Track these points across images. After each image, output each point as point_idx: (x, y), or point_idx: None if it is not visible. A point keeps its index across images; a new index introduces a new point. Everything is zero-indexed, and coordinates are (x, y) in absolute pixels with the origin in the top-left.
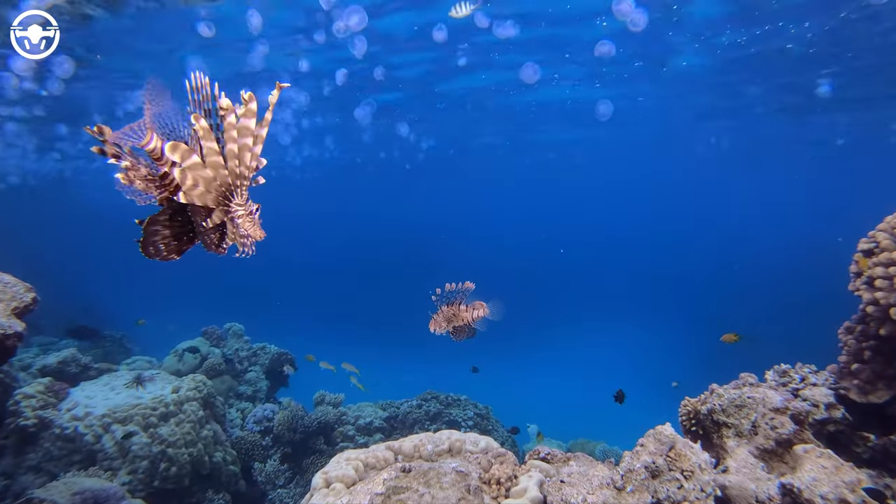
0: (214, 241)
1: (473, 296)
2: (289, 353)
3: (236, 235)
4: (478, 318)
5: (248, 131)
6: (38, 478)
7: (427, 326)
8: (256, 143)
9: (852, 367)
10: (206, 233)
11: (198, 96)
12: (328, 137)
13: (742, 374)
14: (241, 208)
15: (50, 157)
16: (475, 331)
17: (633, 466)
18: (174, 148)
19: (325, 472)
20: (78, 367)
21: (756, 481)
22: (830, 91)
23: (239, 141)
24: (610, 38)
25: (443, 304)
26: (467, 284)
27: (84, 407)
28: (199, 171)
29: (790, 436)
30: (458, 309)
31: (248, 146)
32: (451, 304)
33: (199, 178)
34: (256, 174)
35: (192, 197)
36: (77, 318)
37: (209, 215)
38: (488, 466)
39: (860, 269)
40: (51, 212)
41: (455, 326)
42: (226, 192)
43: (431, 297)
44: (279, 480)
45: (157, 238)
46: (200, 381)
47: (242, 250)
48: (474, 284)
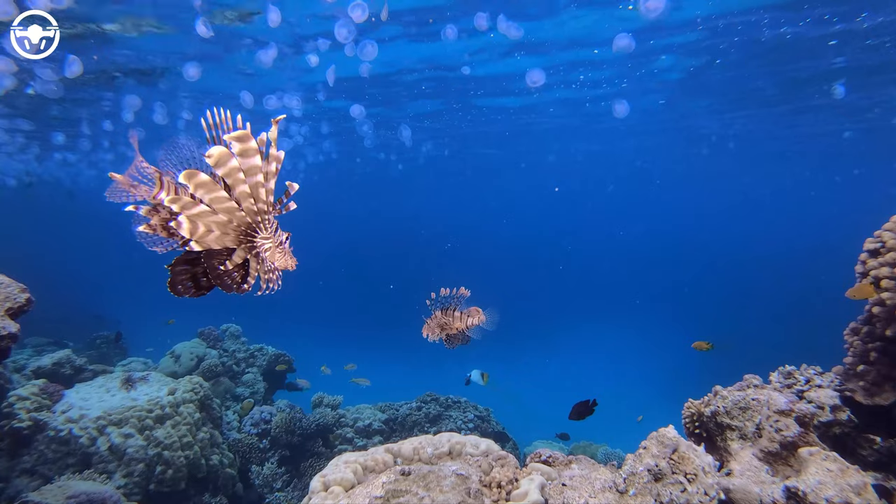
0: (237, 279)
1: (468, 302)
2: (286, 355)
3: (261, 271)
4: (472, 326)
5: (256, 169)
6: (32, 481)
7: (420, 331)
8: (268, 178)
9: (858, 369)
10: (227, 274)
11: (216, 133)
12: (327, 141)
13: (746, 376)
14: (268, 241)
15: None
16: (469, 338)
17: (636, 469)
18: (175, 201)
19: (324, 476)
20: (72, 369)
21: (760, 484)
22: (844, 92)
23: (249, 181)
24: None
25: (437, 308)
26: (462, 291)
27: (79, 409)
28: (210, 217)
29: (795, 438)
30: (452, 315)
31: (259, 183)
32: (445, 309)
33: (211, 223)
34: (289, 199)
35: (207, 243)
36: (94, 329)
37: (229, 256)
38: (489, 469)
39: (866, 270)
40: (48, 213)
41: (448, 334)
42: (247, 231)
43: (426, 302)
44: (277, 483)
45: (185, 277)
46: (197, 383)
47: (267, 286)
48: (469, 291)
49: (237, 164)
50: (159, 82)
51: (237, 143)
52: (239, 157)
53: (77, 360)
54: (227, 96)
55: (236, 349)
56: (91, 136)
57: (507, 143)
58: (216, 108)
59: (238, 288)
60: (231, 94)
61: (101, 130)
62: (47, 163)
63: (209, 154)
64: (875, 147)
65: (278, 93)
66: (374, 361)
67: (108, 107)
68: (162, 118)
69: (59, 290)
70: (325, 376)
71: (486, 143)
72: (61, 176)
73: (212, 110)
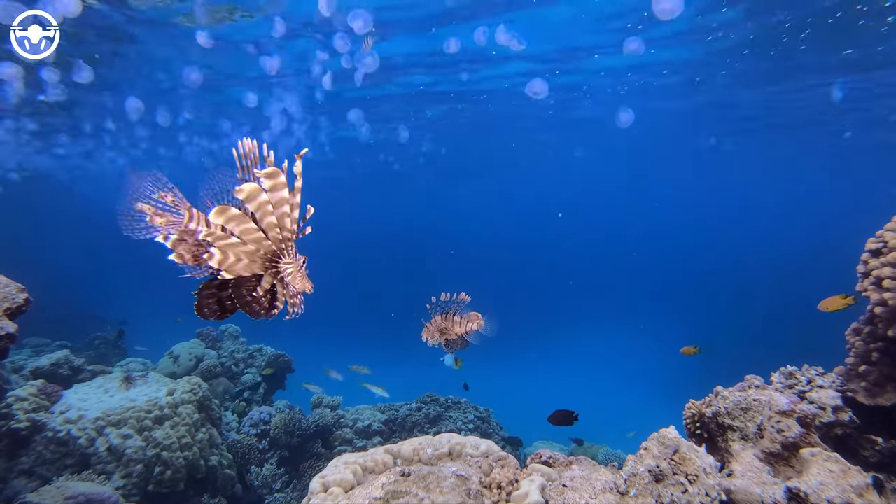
0: (265, 305)
1: (469, 307)
2: (286, 355)
3: (287, 295)
4: (471, 332)
5: (283, 202)
6: (30, 482)
7: (420, 334)
8: (293, 208)
9: (860, 370)
10: (256, 301)
11: (246, 162)
12: (326, 139)
13: (747, 377)
14: (290, 266)
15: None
16: (468, 343)
17: (637, 470)
18: (210, 234)
19: (323, 477)
20: (71, 369)
21: (762, 485)
22: (843, 96)
23: (276, 212)
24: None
25: (437, 312)
26: (462, 296)
27: (77, 410)
28: (240, 247)
29: (797, 439)
30: (452, 320)
31: (286, 214)
32: (445, 314)
33: (240, 253)
34: (305, 224)
35: (236, 271)
36: (92, 329)
37: (258, 283)
38: (489, 470)
39: (868, 270)
40: (46, 212)
41: (447, 339)
42: (271, 257)
43: (426, 306)
44: (276, 485)
45: (212, 302)
46: (196, 384)
47: (293, 311)
48: (469, 297)
49: (267, 198)
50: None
51: (267, 180)
52: (269, 191)
53: (75, 360)
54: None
55: (235, 349)
56: (92, 134)
57: (507, 144)
58: (246, 139)
59: (267, 313)
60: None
61: (104, 129)
62: (44, 157)
63: (240, 189)
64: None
65: (278, 91)
66: (373, 361)
67: (109, 105)
68: (164, 120)
69: (58, 289)
70: (324, 379)
71: (486, 142)
72: (59, 173)
73: (243, 139)
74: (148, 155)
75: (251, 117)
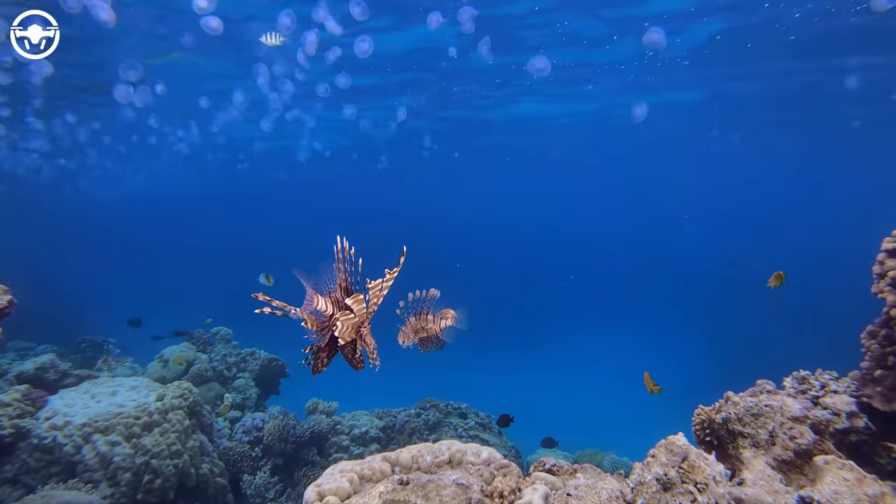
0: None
1: (440, 303)
2: (280, 359)
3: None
4: (444, 328)
5: (382, 295)
6: (14, 491)
7: (395, 339)
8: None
9: (875, 374)
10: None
11: (344, 255)
12: (325, 137)
13: (759, 381)
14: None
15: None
16: (444, 342)
17: (644, 479)
18: (345, 317)
19: (318, 485)
20: (57, 374)
21: (774, 494)
22: (858, 83)
23: (379, 297)
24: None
25: (409, 314)
26: (432, 292)
27: (63, 416)
28: (352, 320)
29: (810, 446)
30: (426, 319)
31: (382, 296)
32: (418, 314)
33: (351, 324)
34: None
35: (345, 337)
36: (78, 332)
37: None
38: (491, 479)
39: (884, 271)
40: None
41: (421, 338)
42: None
43: (397, 311)
44: (269, 493)
45: (323, 359)
46: (186, 389)
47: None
48: (439, 292)
49: (378, 293)
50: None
51: (376, 286)
52: (379, 290)
53: (62, 364)
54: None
55: (227, 353)
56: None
57: (507, 142)
58: (341, 239)
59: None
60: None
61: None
62: (29, 158)
63: (372, 286)
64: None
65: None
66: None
67: (102, 113)
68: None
69: (43, 292)
70: (319, 384)
71: (486, 138)
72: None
73: (340, 238)
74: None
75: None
